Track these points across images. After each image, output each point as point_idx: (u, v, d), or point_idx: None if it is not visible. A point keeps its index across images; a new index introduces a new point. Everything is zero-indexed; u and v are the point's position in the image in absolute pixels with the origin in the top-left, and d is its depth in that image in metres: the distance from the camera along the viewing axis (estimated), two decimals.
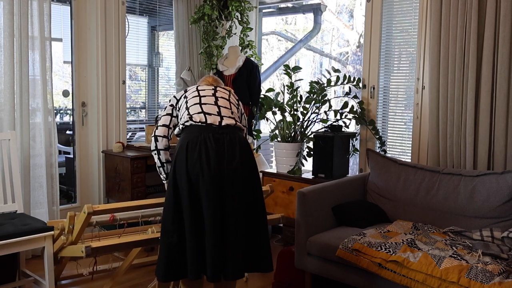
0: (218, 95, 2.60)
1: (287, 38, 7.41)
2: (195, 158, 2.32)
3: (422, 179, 3.17)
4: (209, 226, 2.29)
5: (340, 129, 3.85)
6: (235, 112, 2.58)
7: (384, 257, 2.53)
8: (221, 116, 2.48)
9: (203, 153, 2.32)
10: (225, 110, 2.53)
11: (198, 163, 2.31)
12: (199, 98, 2.56)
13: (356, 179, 3.48)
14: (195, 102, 2.54)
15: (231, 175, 2.33)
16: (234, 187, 2.33)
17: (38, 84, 3.50)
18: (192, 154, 2.33)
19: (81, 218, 2.51)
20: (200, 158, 2.32)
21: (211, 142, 2.35)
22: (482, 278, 2.23)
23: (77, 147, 4.04)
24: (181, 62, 4.62)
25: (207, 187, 2.29)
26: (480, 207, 2.89)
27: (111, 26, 4.01)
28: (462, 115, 3.20)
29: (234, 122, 2.49)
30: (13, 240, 2.58)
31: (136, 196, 3.77)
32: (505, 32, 2.98)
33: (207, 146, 2.34)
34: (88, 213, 2.44)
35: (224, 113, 2.50)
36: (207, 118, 2.45)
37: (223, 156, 2.34)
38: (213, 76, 2.83)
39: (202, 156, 2.32)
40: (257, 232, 2.42)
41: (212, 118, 2.46)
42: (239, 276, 2.32)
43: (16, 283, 2.98)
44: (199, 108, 2.50)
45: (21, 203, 3.05)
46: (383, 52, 3.85)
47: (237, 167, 2.35)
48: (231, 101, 2.63)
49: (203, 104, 2.52)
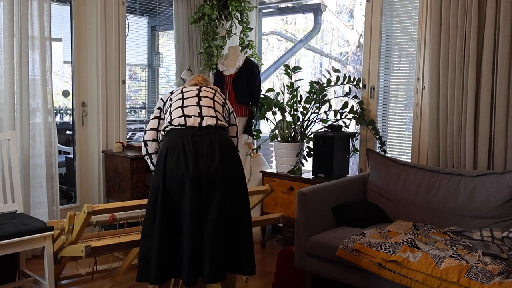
0: (201, 94, 2.58)
1: (287, 38, 7.41)
2: (174, 163, 2.32)
3: (422, 179, 3.17)
4: (187, 230, 2.28)
5: (340, 129, 3.85)
6: (219, 111, 2.55)
7: (384, 257, 2.53)
8: (202, 117, 2.46)
9: (182, 158, 2.31)
10: (207, 110, 2.51)
11: (177, 168, 2.31)
12: (182, 100, 2.55)
13: (356, 179, 3.48)
14: (178, 105, 2.53)
15: (210, 178, 2.31)
16: (214, 190, 2.31)
17: (38, 84, 3.50)
18: (171, 159, 2.33)
19: (81, 218, 2.51)
20: (178, 163, 2.31)
21: (190, 145, 2.34)
22: (482, 278, 2.23)
23: (77, 147, 4.04)
24: (181, 62, 4.62)
25: (186, 191, 2.29)
26: (480, 207, 2.89)
27: (111, 26, 4.01)
28: (462, 115, 3.20)
29: (215, 121, 2.46)
30: (13, 240, 2.58)
31: (136, 196, 3.77)
32: (505, 32, 2.98)
33: (185, 150, 2.33)
34: (88, 212, 2.44)
35: (206, 113, 2.48)
36: (186, 121, 2.43)
37: (201, 159, 2.32)
38: (202, 75, 2.82)
39: (181, 160, 2.31)
40: (240, 236, 2.38)
41: (192, 120, 2.44)
42: (218, 279, 2.30)
43: (16, 283, 2.98)
44: (180, 112, 2.48)
45: (21, 203, 3.05)
46: (383, 52, 3.85)
47: (216, 169, 2.32)
48: (216, 100, 2.60)
49: (184, 107, 2.50)
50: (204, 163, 2.32)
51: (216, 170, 2.32)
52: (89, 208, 2.45)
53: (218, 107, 2.58)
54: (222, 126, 2.50)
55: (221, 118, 2.53)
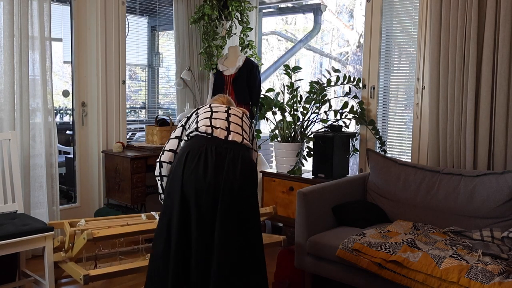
0: (231, 112, 2.54)
1: (287, 38, 7.42)
2: (192, 169, 2.22)
3: (422, 179, 3.17)
4: (196, 242, 2.20)
5: (340, 129, 3.85)
6: (246, 131, 2.49)
7: (384, 257, 2.53)
8: (229, 131, 2.40)
9: (201, 165, 2.22)
10: (235, 126, 2.45)
11: (194, 175, 2.21)
12: (210, 113, 2.49)
13: (356, 179, 3.48)
14: (206, 116, 2.47)
15: (228, 193, 2.20)
16: (230, 207, 2.20)
17: (38, 84, 3.50)
18: (190, 164, 2.23)
19: (79, 243, 2.55)
20: (197, 170, 2.21)
21: (212, 155, 2.25)
22: (482, 278, 2.23)
23: (77, 147, 4.04)
24: (181, 62, 4.62)
25: (197, 199, 2.19)
26: (480, 207, 2.89)
27: (111, 26, 4.01)
28: (462, 115, 3.20)
29: (241, 139, 2.40)
30: (13, 240, 2.58)
31: (136, 196, 3.77)
32: (505, 32, 2.98)
33: (207, 157, 2.24)
34: (88, 239, 2.48)
35: (233, 129, 2.42)
36: (213, 131, 2.37)
37: (221, 172, 2.22)
38: (226, 97, 2.77)
39: (200, 167, 2.22)
40: (253, 259, 2.27)
41: (219, 131, 2.38)
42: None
43: (16, 283, 2.98)
44: (208, 122, 2.42)
45: (21, 203, 3.05)
46: (383, 52, 3.85)
47: (236, 186, 2.21)
48: (244, 120, 2.56)
49: (213, 118, 2.44)
50: (224, 177, 2.20)
51: (235, 188, 2.21)
52: (89, 235, 2.47)
53: (246, 127, 2.52)
54: (247, 145, 2.43)
55: (246, 138, 2.46)
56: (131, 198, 3.75)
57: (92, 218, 2.97)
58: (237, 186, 2.21)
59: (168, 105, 4.95)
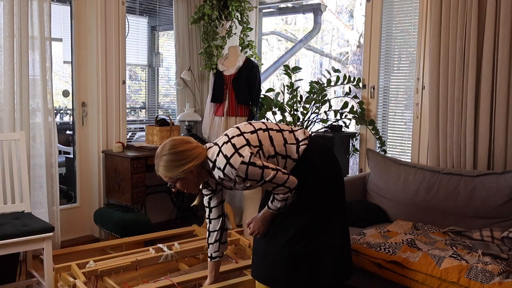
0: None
1: (287, 38, 7.42)
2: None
3: (422, 179, 3.17)
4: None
5: (340, 129, 3.85)
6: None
7: (384, 257, 2.53)
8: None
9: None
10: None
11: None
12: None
13: (356, 179, 3.47)
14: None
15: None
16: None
17: (38, 84, 3.50)
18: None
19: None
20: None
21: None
22: (482, 278, 2.23)
23: (77, 147, 4.04)
24: (181, 62, 4.62)
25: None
26: (480, 207, 2.89)
27: (111, 26, 4.00)
28: (462, 115, 3.20)
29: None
30: (11, 241, 2.58)
31: (136, 196, 3.77)
32: (505, 32, 2.98)
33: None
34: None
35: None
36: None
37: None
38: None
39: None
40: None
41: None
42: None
43: (23, 283, 2.99)
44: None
45: (28, 203, 3.05)
46: (383, 52, 3.85)
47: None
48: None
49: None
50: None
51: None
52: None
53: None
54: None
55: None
56: (131, 198, 3.75)
57: (100, 257, 2.83)
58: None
59: (168, 105, 4.95)
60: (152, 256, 2.87)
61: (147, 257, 2.84)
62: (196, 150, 2.13)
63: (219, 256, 2.47)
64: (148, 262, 2.85)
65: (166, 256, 2.88)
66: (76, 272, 2.60)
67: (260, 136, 2.16)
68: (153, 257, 2.86)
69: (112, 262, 2.75)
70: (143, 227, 3.59)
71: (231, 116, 4.27)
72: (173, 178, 2.13)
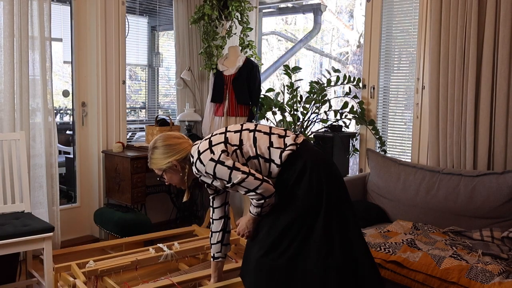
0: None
1: (287, 38, 7.42)
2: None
3: (422, 179, 3.17)
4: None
5: (340, 129, 3.85)
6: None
7: (384, 257, 2.53)
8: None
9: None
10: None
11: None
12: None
13: (356, 179, 3.47)
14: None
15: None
16: None
17: (38, 84, 3.50)
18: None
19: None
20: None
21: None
22: (482, 278, 2.23)
23: (77, 147, 4.04)
24: (181, 62, 4.62)
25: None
26: (480, 207, 2.89)
27: (111, 26, 4.00)
28: (462, 115, 3.20)
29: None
30: (11, 241, 2.57)
31: (136, 196, 3.77)
32: (505, 32, 2.98)
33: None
34: None
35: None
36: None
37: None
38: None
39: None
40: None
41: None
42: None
43: (24, 283, 2.98)
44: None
45: (28, 203, 3.05)
46: (383, 52, 3.85)
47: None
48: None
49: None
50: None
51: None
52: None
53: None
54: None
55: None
56: (131, 198, 3.75)
57: (100, 257, 2.81)
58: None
59: (168, 105, 4.95)
60: (152, 256, 2.86)
61: (147, 257, 2.84)
62: (181, 145, 2.23)
63: (222, 257, 2.45)
64: (148, 262, 2.84)
65: (166, 256, 2.88)
66: (76, 272, 2.59)
67: (243, 136, 2.14)
68: (153, 257, 2.86)
69: (112, 262, 2.74)
70: (143, 227, 3.59)
71: (231, 116, 4.27)
72: (160, 170, 2.26)
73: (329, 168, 2.14)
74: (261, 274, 2.10)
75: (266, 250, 2.09)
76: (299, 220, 2.06)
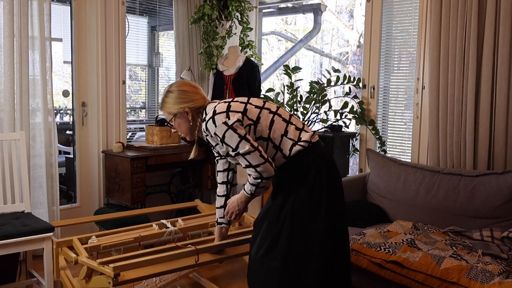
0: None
1: (287, 38, 7.42)
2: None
3: (422, 179, 3.17)
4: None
5: (340, 129, 3.85)
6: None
7: (384, 257, 2.53)
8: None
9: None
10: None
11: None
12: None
13: (356, 179, 3.47)
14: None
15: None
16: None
17: (38, 84, 3.50)
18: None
19: (101, 282, 2.30)
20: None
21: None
22: (482, 278, 2.23)
23: (77, 147, 4.04)
24: (181, 62, 4.62)
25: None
26: (480, 207, 2.89)
27: (111, 26, 4.00)
28: (462, 115, 3.20)
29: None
30: (11, 241, 2.57)
31: (136, 196, 3.77)
32: (505, 32, 2.98)
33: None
34: (114, 285, 2.21)
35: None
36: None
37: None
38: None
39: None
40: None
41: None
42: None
43: (24, 283, 2.98)
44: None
45: (28, 203, 3.05)
46: (383, 52, 3.85)
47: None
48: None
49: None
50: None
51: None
52: (115, 280, 2.19)
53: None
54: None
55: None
56: (131, 198, 3.75)
57: (102, 232, 2.78)
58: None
59: None
60: (155, 232, 2.79)
61: (150, 233, 2.77)
62: (197, 95, 2.22)
63: (225, 223, 2.46)
64: (151, 238, 2.78)
65: (169, 233, 2.83)
66: (78, 248, 2.53)
67: (262, 114, 2.11)
68: (157, 233, 2.79)
69: (115, 237, 2.69)
70: None
71: None
72: (170, 115, 2.23)
73: (334, 173, 2.13)
74: (258, 274, 2.11)
75: (264, 250, 2.09)
76: (298, 222, 2.05)
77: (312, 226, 2.03)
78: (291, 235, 2.05)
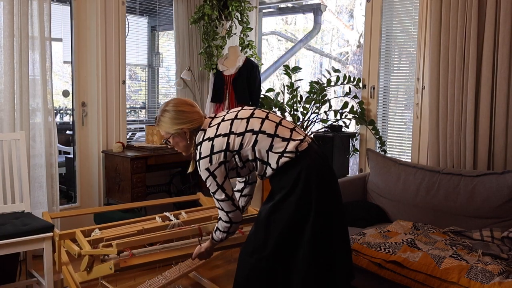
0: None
1: (287, 38, 7.42)
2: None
3: (422, 179, 3.17)
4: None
5: (340, 129, 3.85)
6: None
7: (384, 257, 2.53)
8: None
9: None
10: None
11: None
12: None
13: (356, 179, 3.47)
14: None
15: None
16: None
17: (38, 84, 3.50)
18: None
19: (103, 270, 2.32)
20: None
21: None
22: (482, 278, 2.23)
23: (77, 147, 4.04)
24: (181, 62, 4.62)
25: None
26: (480, 207, 2.89)
27: (111, 26, 4.00)
28: (462, 115, 3.20)
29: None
30: (11, 241, 2.57)
31: (136, 196, 3.77)
32: (505, 32, 2.98)
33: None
34: (115, 270, 2.24)
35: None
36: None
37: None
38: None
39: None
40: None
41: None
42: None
43: (24, 283, 2.98)
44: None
45: (28, 203, 3.05)
46: (383, 52, 3.85)
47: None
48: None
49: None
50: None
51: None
52: (116, 266, 2.23)
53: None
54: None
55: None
56: (131, 198, 3.75)
57: (106, 225, 2.75)
58: None
59: None
60: (158, 225, 2.76)
61: (153, 226, 2.73)
62: (194, 115, 2.23)
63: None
64: (154, 230, 2.72)
65: (173, 225, 2.79)
66: (80, 241, 2.50)
67: (244, 139, 2.12)
68: (160, 225, 2.75)
69: (118, 230, 2.65)
70: None
71: None
72: (168, 134, 2.26)
73: (327, 177, 2.12)
74: (242, 273, 2.15)
75: (251, 250, 2.12)
76: (287, 226, 2.06)
77: (299, 235, 2.05)
78: (279, 242, 2.06)
